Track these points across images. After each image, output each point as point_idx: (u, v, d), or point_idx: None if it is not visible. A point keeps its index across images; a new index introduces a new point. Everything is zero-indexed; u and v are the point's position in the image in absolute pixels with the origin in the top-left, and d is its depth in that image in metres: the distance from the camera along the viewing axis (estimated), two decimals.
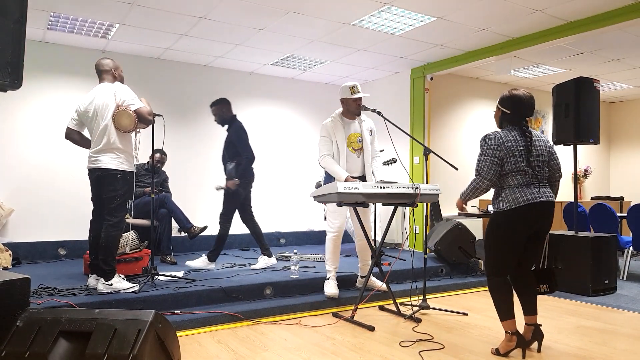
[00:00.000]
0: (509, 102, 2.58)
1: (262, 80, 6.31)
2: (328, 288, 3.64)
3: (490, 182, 2.53)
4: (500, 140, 2.50)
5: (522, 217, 2.48)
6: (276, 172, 6.37)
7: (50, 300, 2.95)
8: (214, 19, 4.31)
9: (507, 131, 2.55)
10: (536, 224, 2.54)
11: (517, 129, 2.56)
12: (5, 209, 4.67)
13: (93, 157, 3.18)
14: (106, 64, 3.30)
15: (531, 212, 2.48)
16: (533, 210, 2.48)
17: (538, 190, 2.51)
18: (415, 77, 5.90)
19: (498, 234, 2.57)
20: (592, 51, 5.25)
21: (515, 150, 2.49)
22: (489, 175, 2.50)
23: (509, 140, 2.50)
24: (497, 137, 2.51)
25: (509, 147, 2.49)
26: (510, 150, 2.48)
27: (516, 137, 2.52)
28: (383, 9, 4.07)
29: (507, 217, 2.51)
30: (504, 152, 2.48)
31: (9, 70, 1.80)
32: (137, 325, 1.83)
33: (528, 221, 2.51)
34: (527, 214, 2.48)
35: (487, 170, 2.50)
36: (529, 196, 2.47)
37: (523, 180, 2.50)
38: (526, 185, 2.50)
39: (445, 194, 5.65)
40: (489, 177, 2.51)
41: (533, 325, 2.61)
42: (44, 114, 5.03)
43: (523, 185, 2.50)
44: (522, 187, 2.49)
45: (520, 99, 2.57)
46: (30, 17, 3.58)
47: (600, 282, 4.08)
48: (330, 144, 3.55)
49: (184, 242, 5.27)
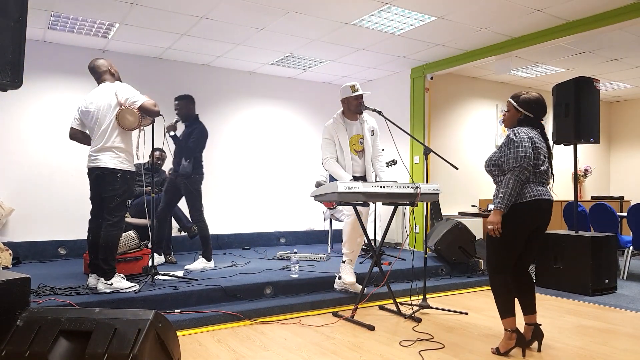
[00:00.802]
0: (535, 105, 2.60)
1: (262, 79, 6.31)
2: (345, 274, 3.62)
3: (529, 174, 2.50)
4: (530, 134, 2.54)
5: (527, 214, 2.50)
6: (276, 172, 6.38)
7: (50, 300, 2.95)
8: (214, 18, 4.31)
9: (528, 129, 2.58)
10: (538, 220, 2.57)
11: (534, 130, 2.60)
12: (5, 208, 4.67)
13: (93, 156, 3.18)
14: (102, 64, 3.30)
15: (536, 208, 2.51)
16: (537, 206, 2.51)
17: (543, 188, 2.56)
18: (415, 77, 5.90)
19: (502, 230, 2.56)
20: (592, 51, 5.25)
21: (538, 148, 2.54)
22: (529, 165, 2.48)
23: (534, 137, 2.55)
24: (527, 131, 2.55)
25: (536, 144, 2.53)
26: (535, 146, 2.53)
27: (537, 136, 2.58)
28: (383, 9, 4.07)
29: (514, 212, 2.51)
30: (533, 146, 2.52)
31: (9, 69, 1.80)
32: (137, 325, 1.83)
33: (532, 218, 2.53)
34: (531, 210, 2.50)
35: (528, 160, 2.47)
36: (535, 192, 2.50)
37: (533, 177, 2.54)
38: (533, 182, 2.54)
39: (445, 194, 5.65)
40: (529, 168, 2.48)
41: (533, 325, 2.62)
42: (44, 114, 5.03)
43: (531, 182, 2.53)
44: (530, 184, 2.53)
45: (544, 104, 2.64)
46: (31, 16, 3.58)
47: (601, 281, 4.08)
48: (333, 146, 3.55)
49: (184, 242, 5.28)
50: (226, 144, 6.04)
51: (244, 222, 6.06)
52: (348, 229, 3.61)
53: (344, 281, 3.63)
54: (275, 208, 6.32)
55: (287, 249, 5.43)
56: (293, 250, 4.52)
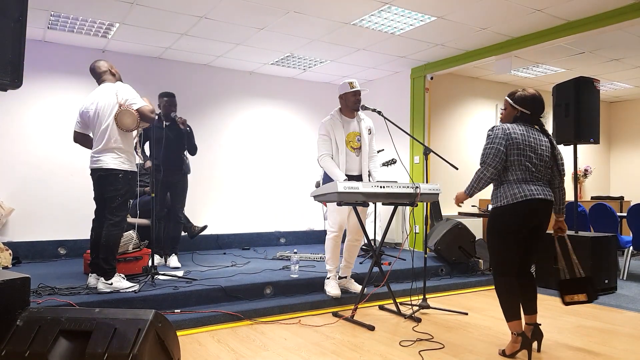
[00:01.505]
0: (531, 102, 2.58)
1: (262, 79, 6.31)
2: (330, 288, 3.64)
3: (495, 170, 2.51)
4: (508, 131, 2.52)
5: (520, 213, 2.49)
6: (276, 172, 6.37)
7: (50, 300, 2.95)
8: (214, 18, 4.31)
9: (516, 125, 2.56)
10: (533, 220, 2.54)
11: (527, 126, 2.57)
12: (5, 208, 4.67)
13: (95, 157, 3.19)
14: (102, 65, 3.31)
15: (528, 208, 2.48)
16: (530, 206, 2.48)
17: (536, 187, 2.51)
18: (415, 77, 5.90)
19: (497, 231, 2.57)
20: (593, 51, 5.25)
21: (520, 144, 2.50)
22: (494, 162, 2.50)
23: (515, 132, 2.51)
24: (505, 127, 2.54)
25: (515, 139, 2.50)
26: (515, 142, 2.49)
27: (523, 132, 2.53)
28: (383, 9, 4.07)
29: (505, 212, 2.52)
30: (509, 142, 2.50)
31: (10, 69, 1.80)
32: (137, 325, 1.83)
33: (525, 217, 2.51)
34: (524, 210, 2.48)
35: (492, 157, 2.49)
36: (526, 192, 2.48)
37: (523, 176, 2.51)
38: (525, 181, 2.51)
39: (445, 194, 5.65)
40: (494, 165, 2.50)
41: (532, 325, 2.61)
42: (44, 113, 5.02)
43: (522, 181, 2.50)
44: (521, 183, 2.50)
45: (541, 101, 2.61)
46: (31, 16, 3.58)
47: (600, 281, 4.09)
48: (329, 143, 3.53)
49: (184, 242, 5.27)
50: (226, 144, 6.04)
51: (244, 222, 6.06)
52: (331, 245, 3.60)
53: (330, 295, 3.60)
54: (275, 208, 6.32)
55: (287, 249, 5.43)
56: (293, 250, 4.52)
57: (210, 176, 5.91)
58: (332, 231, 3.59)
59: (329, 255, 3.63)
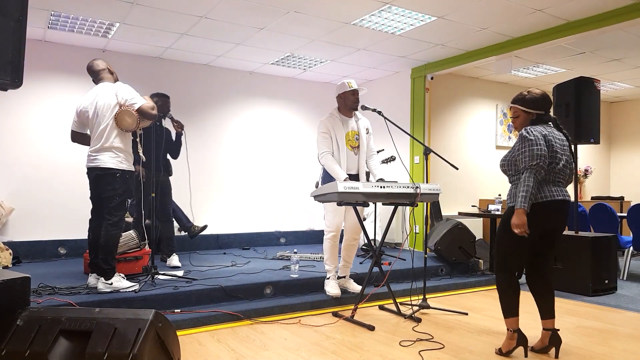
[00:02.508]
0: (543, 102, 2.56)
1: (262, 79, 6.31)
2: (330, 288, 3.64)
3: (544, 172, 2.45)
4: (544, 132, 2.49)
5: (538, 214, 2.46)
6: (276, 172, 6.37)
7: (50, 299, 2.95)
8: (215, 18, 4.31)
9: (544, 128, 2.54)
10: (550, 222, 2.52)
11: (549, 126, 2.56)
12: (5, 208, 4.67)
13: (92, 156, 3.18)
14: (100, 64, 3.30)
15: (548, 209, 2.47)
16: (550, 207, 2.47)
17: (557, 188, 2.50)
18: (415, 77, 5.90)
19: (511, 229, 2.55)
20: (593, 51, 5.25)
21: (554, 146, 2.49)
22: (545, 164, 2.43)
23: (549, 134, 2.50)
24: (540, 129, 2.50)
25: (550, 142, 2.48)
26: (550, 145, 2.48)
27: (552, 134, 2.52)
28: (383, 9, 4.07)
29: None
30: (548, 144, 2.47)
31: (10, 69, 1.80)
32: (137, 325, 1.83)
33: (544, 219, 2.48)
34: (544, 211, 2.46)
35: (544, 159, 2.42)
36: (546, 193, 2.46)
37: (548, 177, 2.49)
38: (547, 182, 2.49)
39: (445, 194, 5.65)
40: (545, 166, 2.43)
41: (550, 330, 2.57)
42: (44, 113, 5.02)
43: (545, 182, 2.49)
44: (543, 184, 2.48)
45: (548, 97, 2.59)
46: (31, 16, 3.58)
47: (601, 282, 4.09)
48: (329, 141, 3.52)
49: (184, 242, 5.28)
50: (226, 143, 6.04)
51: (244, 222, 6.06)
52: (328, 245, 3.60)
53: (331, 295, 3.61)
54: (275, 208, 6.32)
55: (287, 249, 5.43)
56: (293, 250, 4.51)
57: (210, 176, 5.91)
58: (330, 231, 3.59)
59: (328, 256, 3.63)
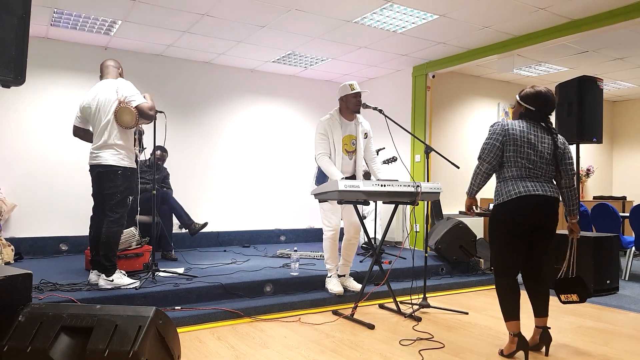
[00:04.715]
0: (535, 99, 2.56)
1: (263, 77, 6.30)
2: (332, 285, 3.65)
3: (489, 166, 2.54)
4: (506, 127, 2.52)
5: (515, 210, 2.46)
6: (276, 169, 6.38)
7: (51, 296, 2.97)
8: (216, 16, 4.31)
9: (518, 121, 2.55)
10: (531, 218, 2.49)
11: (530, 123, 2.55)
12: (7, 204, 4.69)
13: (94, 153, 3.19)
14: (110, 62, 3.35)
15: (525, 205, 2.45)
16: (527, 203, 2.45)
17: (534, 184, 2.47)
18: (417, 75, 5.89)
19: (495, 229, 2.57)
20: (596, 50, 5.23)
21: (517, 140, 2.49)
22: (489, 157, 2.53)
23: (514, 129, 2.51)
24: (504, 124, 2.55)
25: (512, 135, 2.49)
26: (512, 138, 2.49)
27: (523, 128, 2.51)
28: (385, 7, 4.06)
29: (501, 210, 2.52)
30: (506, 138, 2.50)
31: (13, 66, 1.80)
32: (137, 322, 1.84)
33: (522, 214, 2.47)
34: (520, 206, 2.45)
35: (487, 153, 2.53)
36: (521, 189, 2.46)
37: (518, 173, 2.49)
38: (520, 178, 2.49)
39: (446, 193, 5.64)
40: (488, 160, 2.53)
41: (541, 328, 2.57)
42: (46, 110, 5.04)
43: (517, 178, 2.49)
44: (516, 180, 2.49)
45: (547, 97, 2.57)
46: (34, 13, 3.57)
47: (602, 282, 4.08)
48: (327, 142, 3.51)
49: (185, 239, 5.29)
50: (227, 141, 6.05)
51: (244, 220, 6.07)
52: (328, 244, 3.61)
53: (333, 293, 3.62)
54: (276, 205, 6.33)
55: (287, 247, 5.44)
56: (293, 248, 4.52)
57: (210, 173, 5.92)
58: (329, 230, 3.60)
59: (328, 255, 3.64)
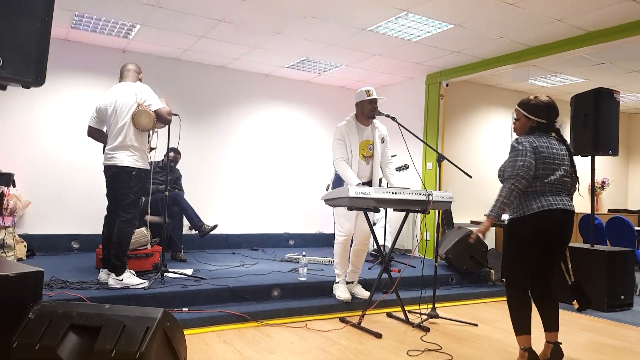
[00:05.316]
0: (547, 111, 2.52)
1: (277, 82, 6.34)
2: (340, 292, 3.64)
3: (527, 183, 2.44)
4: (534, 144, 2.47)
5: (539, 224, 2.43)
6: (288, 174, 6.39)
7: (62, 293, 3.00)
8: (233, 22, 4.35)
9: (538, 137, 2.51)
10: (553, 232, 2.47)
11: (547, 136, 2.52)
12: (22, 201, 4.77)
13: (109, 154, 3.24)
14: (131, 66, 3.42)
15: (548, 219, 2.43)
16: (550, 217, 2.43)
17: (555, 197, 2.46)
18: (430, 83, 5.87)
19: (512, 242, 2.53)
20: (613, 61, 5.16)
21: (547, 157, 2.46)
22: (528, 175, 2.42)
23: (541, 145, 2.47)
24: (531, 140, 2.48)
25: (542, 153, 2.46)
26: (542, 155, 2.45)
27: (547, 144, 2.49)
28: (400, 15, 4.06)
29: (523, 223, 2.47)
30: (537, 155, 2.45)
31: (33, 67, 1.84)
32: (145, 323, 1.85)
33: (544, 229, 2.44)
34: (544, 221, 2.43)
35: (526, 170, 2.41)
36: (543, 202, 2.43)
37: (542, 188, 2.46)
38: (543, 193, 2.46)
39: (457, 201, 5.58)
40: (527, 177, 2.42)
41: (552, 343, 2.52)
42: (63, 110, 5.13)
43: (541, 193, 2.46)
44: (540, 195, 2.45)
45: (555, 107, 2.55)
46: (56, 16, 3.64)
47: (616, 297, 3.99)
48: (344, 147, 3.54)
49: (194, 240, 5.32)
50: (239, 144, 6.08)
51: (253, 223, 6.09)
52: (340, 249, 3.59)
53: (341, 299, 3.60)
54: (285, 210, 6.34)
55: (295, 251, 5.43)
56: (302, 252, 4.51)
57: (222, 176, 5.96)
58: (341, 235, 3.59)
59: (338, 260, 3.63)
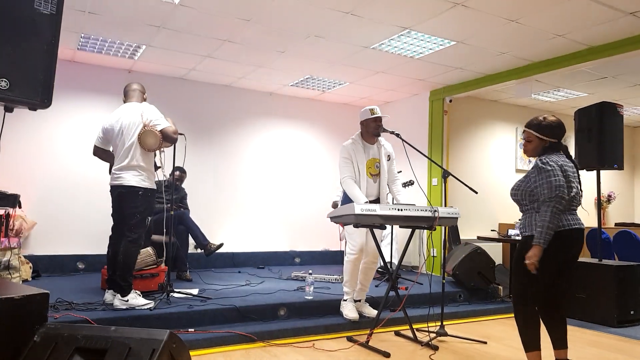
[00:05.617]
0: (560, 131, 2.54)
1: (281, 100, 6.40)
2: (348, 311, 3.60)
3: (566, 202, 2.42)
4: (559, 163, 2.47)
5: (559, 245, 2.39)
6: (293, 192, 6.39)
7: (67, 315, 2.98)
8: (237, 42, 4.42)
9: (556, 156, 2.51)
10: (570, 251, 2.46)
11: (559, 154, 2.53)
12: (28, 221, 4.78)
13: (116, 174, 3.25)
14: (135, 85, 3.45)
15: (567, 238, 2.41)
16: (569, 237, 2.41)
17: (572, 216, 2.46)
18: (434, 99, 5.90)
19: None
20: (615, 76, 5.18)
21: (570, 177, 2.46)
22: (565, 194, 2.39)
23: (564, 165, 2.48)
24: (555, 160, 2.48)
25: (566, 172, 2.46)
26: (566, 174, 2.45)
27: (566, 163, 2.51)
28: (403, 33, 4.11)
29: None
30: (564, 174, 2.45)
31: (40, 90, 1.86)
32: (151, 345, 1.82)
33: (564, 249, 2.42)
34: (564, 241, 2.40)
35: (563, 189, 2.38)
36: (564, 222, 2.41)
37: (562, 207, 2.43)
38: (561, 211, 2.43)
39: (464, 217, 5.55)
40: (566, 197, 2.40)
41: None
42: (69, 131, 5.18)
43: (560, 211, 2.43)
44: (560, 214, 2.42)
45: (563, 125, 2.56)
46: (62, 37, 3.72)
47: (626, 312, 3.92)
48: (351, 166, 3.54)
49: (200, 259, 5.29)
50: (245, 163, 6.11)
51: (259, 241, 6.07)
52: (350, 267, 3.56)
53: (348, 318, 3.57)
54: (291, 227, 6.32)
55: (301, 269, 5.39)
56: (308, 270, 4.48)
57: (227, 195, 5.96)
58: (352, 253, 3.56)
59: (348, 278, 3.59)
